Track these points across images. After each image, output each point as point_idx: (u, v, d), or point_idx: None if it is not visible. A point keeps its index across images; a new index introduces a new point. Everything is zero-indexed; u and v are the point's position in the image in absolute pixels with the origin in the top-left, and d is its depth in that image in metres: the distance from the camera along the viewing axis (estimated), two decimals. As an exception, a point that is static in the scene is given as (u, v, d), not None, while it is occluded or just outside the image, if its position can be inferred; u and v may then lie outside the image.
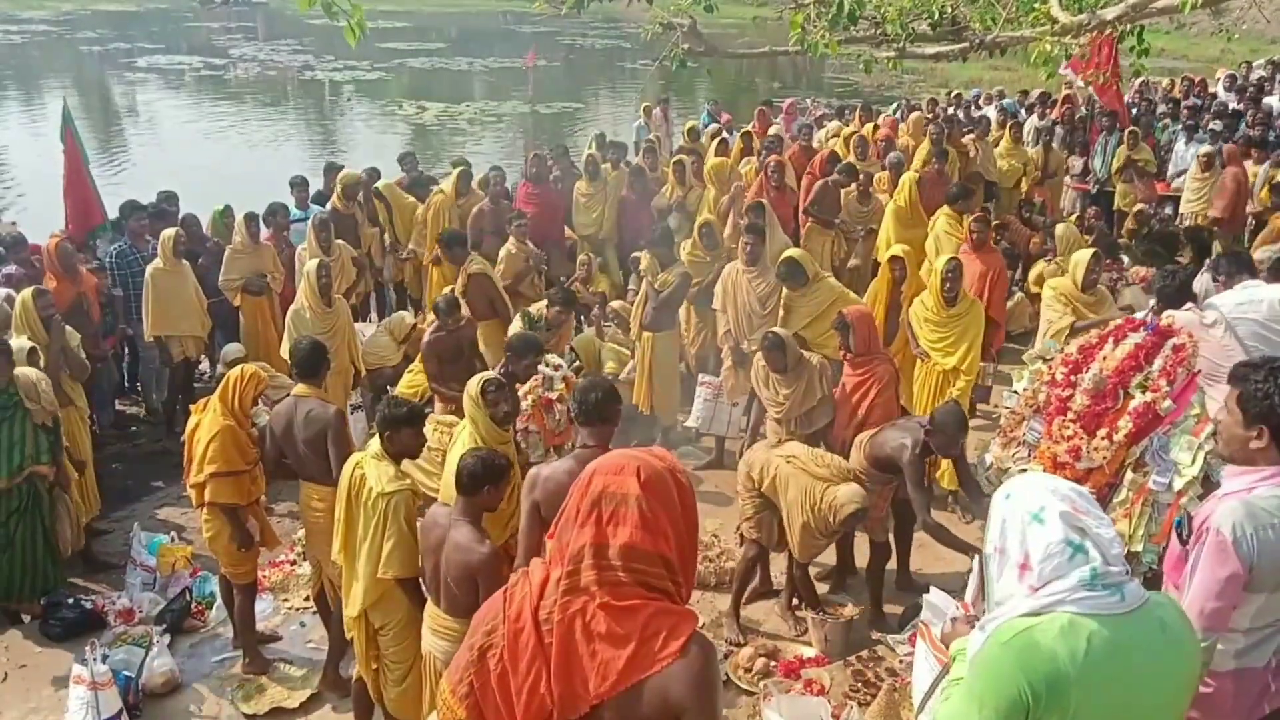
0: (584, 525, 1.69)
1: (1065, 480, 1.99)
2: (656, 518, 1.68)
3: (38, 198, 8.40)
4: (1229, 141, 10.56)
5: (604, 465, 1.74)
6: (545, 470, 3.44)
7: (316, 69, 27.98)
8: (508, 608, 1.76)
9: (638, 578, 1.67)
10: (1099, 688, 1.82)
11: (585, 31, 35.89)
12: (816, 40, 5.27)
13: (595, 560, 1.68)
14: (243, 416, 4.48)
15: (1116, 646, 1.83)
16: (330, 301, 6.24)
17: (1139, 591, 1.87)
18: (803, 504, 4.47)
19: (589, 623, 1.66)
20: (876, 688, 4.13)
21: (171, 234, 6.75)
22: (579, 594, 1.68)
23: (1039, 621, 1.84)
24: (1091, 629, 1.82)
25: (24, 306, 5.50)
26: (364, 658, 3.92)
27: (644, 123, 12.56)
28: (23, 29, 34.27)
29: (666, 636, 1.64)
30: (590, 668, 1.65)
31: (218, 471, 4.39)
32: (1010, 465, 4.13)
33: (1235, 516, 2.50)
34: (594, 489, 1.71)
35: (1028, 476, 2.02)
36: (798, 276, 6.02)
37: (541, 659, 1.69)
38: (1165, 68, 18.54)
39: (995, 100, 14.05)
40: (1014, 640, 1.85)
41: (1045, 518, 1.86)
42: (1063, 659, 1.81)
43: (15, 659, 4.81)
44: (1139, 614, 1.85)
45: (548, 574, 1.74)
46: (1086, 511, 1.87)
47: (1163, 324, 3.97)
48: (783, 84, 23.52)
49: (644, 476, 1.69)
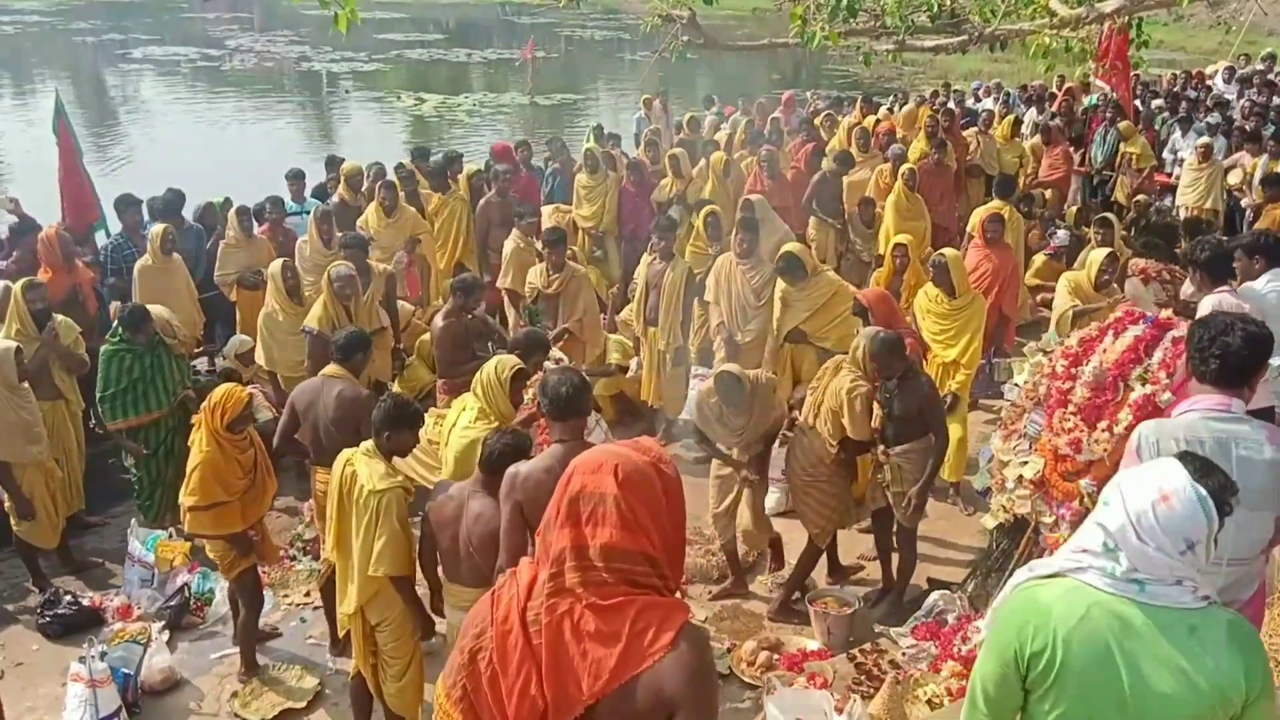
0: (564, 526, 1.68)
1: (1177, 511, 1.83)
2: (636, 515, 1.66)
3: (33, 190, 8.33)
4: (1228, 134, 10.57)
5: (582, 464, 1.72)
6: (523, 469, 3.41)
7: (314, 60, 27.87)
8: (495, 610, 1.74)
9: (622, 576, 1.66)
10: (1087, 657, 1.85)
11: (584, 23, 35.77)
12: (816, 32, 5.26)
13: (578, 561, 1.67)
14: (229, 442, 4.31)
15: (1119, 625, 1.85)
16: (301, 300, 6.17)
17: (1175, 595, 1.84)
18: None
19: (577, 623, 1.66)
20: (880, 680, 4.13)
21: (160, 230, 6.69)
22: (565, 595, 1.67)
23: (1048, 582, 1.94)
24: (1095, 599, 1.87)
25: (15, 300, 5.46)
26: (361, 653, 3.91)
27: (644, 115, 12.53)
28: (15, 20, 34.08)
29: (656, 630, 1.63)
30: (582, 668, 1.64)
31: (195, 505, 4.29)
32: (1011, 457, 4.13)
33: (1145, 428, 2.83)
34: (572, 488, 1.69)
35: (1169, 477, 1.88)
36: (796, 271, 6.00)
37: (531, 660, 1.68)
38: (1163, 60, 18.52)
39: (995, 92, 14.01)
40: (1020, 593, 1.98)
41: (1113, 505, 1.89)
42: (1055, 616, 1.88)
43: (13, 657, 4.79)
44: (1162, 610, 1.84)
45: (535, 574, 1.73)
46: (1161, 543, 1.82)
47: (1162, 317, 3.97)
48: (782, 76, 23.43)
49: (622, 475, 1.67)
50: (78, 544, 5.64)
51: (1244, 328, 2.73)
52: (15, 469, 5.05)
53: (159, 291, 6.48)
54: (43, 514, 5.19)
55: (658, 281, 6.48)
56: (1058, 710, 1.91)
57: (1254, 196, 9.30)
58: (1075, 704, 1.89)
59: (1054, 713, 1.91)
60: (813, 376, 6.06)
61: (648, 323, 6.61)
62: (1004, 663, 1.95)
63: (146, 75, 25.60)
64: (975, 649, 3.99)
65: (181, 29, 33.72)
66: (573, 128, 17.71)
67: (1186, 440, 2.67)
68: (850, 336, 5.90)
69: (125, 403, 5.36)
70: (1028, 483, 3.96)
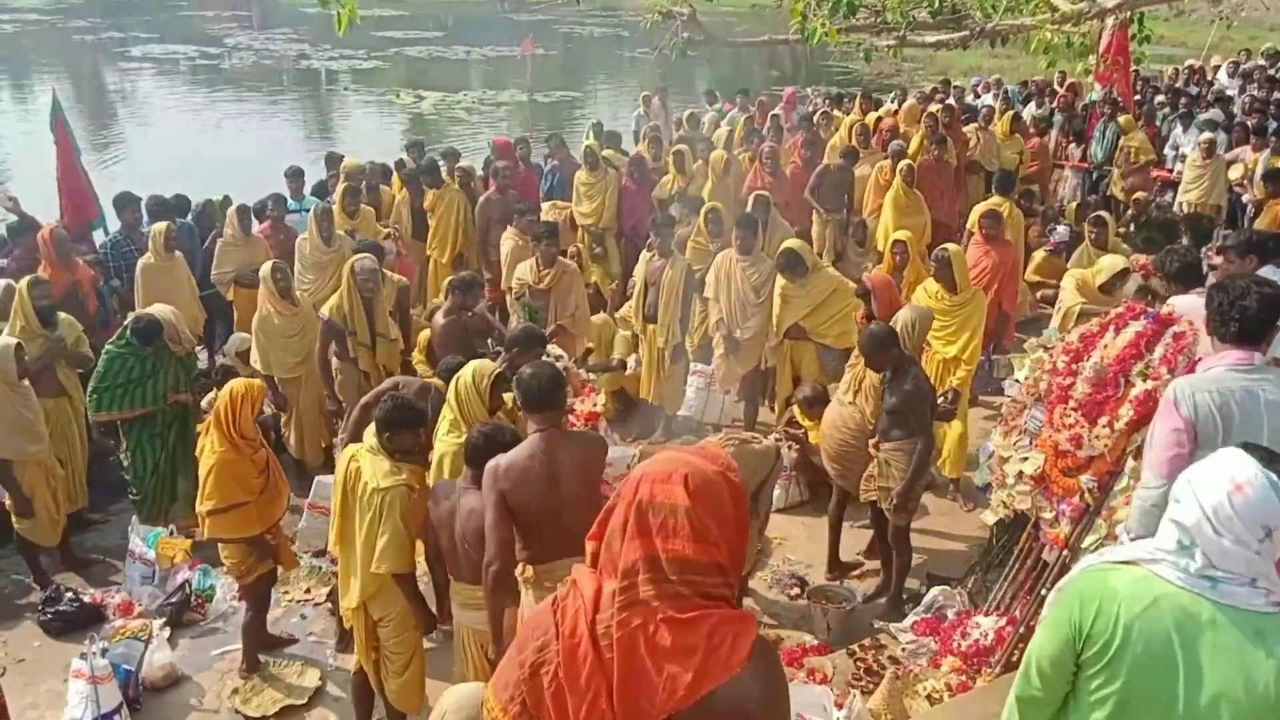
0: (634, 537, 1.62)
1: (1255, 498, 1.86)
2: (707, 527, 1.61)
3: (31, 189, 8.33)
4: (1229, 129, 10.55)
5: (651, 472, 1.65)
6: (504, 460, 3.40)
7: (312, 58, 27.82)
8: (561, 622, 1.67)
9: (696, 589, 1.61)
10: (1146, 645, 1.86)
11: (583, 20, 35.71)
12: (816, 28, 5.25)
13: (651, 573, 1.60)
14: (243, 441, 4.28)
15: (1184, 618, 1.86)
16: (295, 301, 6.15)
17: (1246, 597, 1.86)
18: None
19: (652, 637, 1.59)
20: (879, 676, 4.13)
21: (162, 228, 6.69)
22: (638, 607, 1.61)
23: (1120, 567, 1.96)
24: (1164, 591, 1.89)
25: (20, 296, 5.48)
26: (364, 648, 3.91)
27: (643, 112, 12.51)
28: (14, 18, 34.02)
29: (733, 644, 1.59)
30: (656, 683, 1.59)
31: (215, 509, 4.26)
32: (1011, 453, 4.13)
33: (1179, 384, 3.04)
34: (641, 496, 1.63)
35: (1238, 466, 1.89)
36: (796, 267, 6.00)
37: (601, 675, 1.62)
38: (1163, 55, 18.49)
39: (994, 88, 13.99)
40: (1089, 573, 2.01)
41: (1185, 502, 1.90)
42: (1121, 600, 1.90)
43: (14, 653, 4.80)
44: (1230, 610, 1.86)
45: (599, 585, 1.67)
46: (1239, 534, 1.84)
47: (1164, 312, 3.96)
48: (782, 73, 23.41)
49: (693, 485, 1.62)
50: (79, 541, 5.64)
51: (1258, 291, 2.98)
52: (15, 467, 5.05)
53: (162, 290, 6.49)
54: (44, 512, 5.19)
55: (656, 279, 6.48)
56: (1106, 690, 1.93)
57: (1255, 192, 9.28)
58: (1126, 688, 1.91)
59: (1100, 692, 1.94)
60: (813, 373, 6.09)
61: (646, 320, 6.61)
62: (1062, 639, 1.98)
63: (145, 73, 25.55)
64: (975, 644, 4.00)
65: (180, 27, 33.66)
66: (572, 125, 17.70)
67: (1219, 391, 2.92)
68: (850, 333, 5.92)
69: (115, 398, 5.38)
70: (1028, 479, 3.96)
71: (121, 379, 5.38)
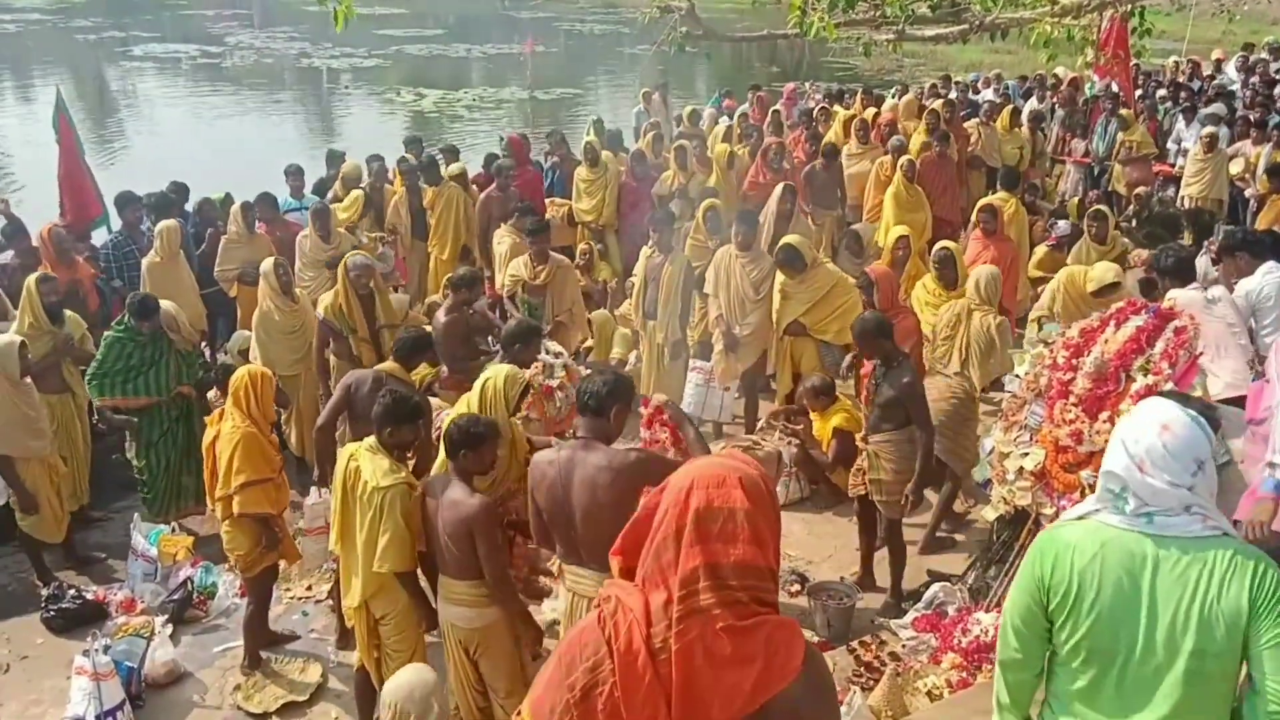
0: (693, 544, 1.58)
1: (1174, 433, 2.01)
2: (760, 530, 1.59)
3: (34, 188, 8.35)
4: (1231, 123, 10.52)
5: (703, 478, 1.62)
6: (538, 458, 3.46)
7: (313, 56, 27.79)
8: (614, 639, 1.61)
9: (753, 594, 1.60)
10: (1102, 589, 2.00)
11: (583, 17, 35.70)
12: (814, 23, 5.23)
13: (713, 580, 1.57)
14: (265, 421, 4.42)
15: (1130, 558, 2.00)
16: (295, 297, 6.16)
17: (1183, 525, 1.99)
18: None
19: (711, 646, 1.57)
20: (879, 672, 4.13)
21: (173, 227, 6.69)
22: (696, 617, 1.58)
23: (1073, 523, 2.13)
24: (1109, 536, 2.03)
25: (28, 293, 5.49)
26: (366, 646, 3.92)
27: (643, 108, 12.50)
28: (17, 18, 34.04)
29: (788, 650, 1.59)
30: (714, 693, 1.57)
31: (248, 481, 4.29)
32: (1012, 449, 4.12)
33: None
34: (698, 504, 1.59)
35: (1161, 411, 2.06)
36: (796, 263, 5.99)
37: (660, 690, 1.59)
38: (1164, 49, 18.43)
39: (994, 83, 13.96)
40: (1047, 533, 2.19)
41: (1114, 451, 2.05)
42: (1074, 551, 2.05)
43: (17, 650, 4.81)
44: (1172, 540, 1.99)
45: (646, 599, 1.62)
46: (1156, 471, 1.99)
47: (1164, 306, 3.95)
48: (781, 68, 23.36)
49: (747, 488, 1.60)
50: (81, 538, 5.66)
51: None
52: (18, 463, 5.06)
53: (167, 289, 6.50)
54: (47, 509, 5.21)
55: (656, 275, 6.48)
56: (1074, 639, 2.06)
57: (1257, 187, 9.26)
58: (1091, 634, 2.04)
59: (1070, 642, 2.07)
60: (813, 369, 6.08)
61: (646, 316, 6.60)
62: (1028, 594, 2.12)
63: (147, 72, 25.55)
64: (976, 641, 4.00)
65: (181, 26, 33.66)
66: (572, 121, 17.68)
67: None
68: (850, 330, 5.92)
69: (115, 383, 5.42)
70: (1028, 474, 3.95)
71: (121, 364, 5.41)
